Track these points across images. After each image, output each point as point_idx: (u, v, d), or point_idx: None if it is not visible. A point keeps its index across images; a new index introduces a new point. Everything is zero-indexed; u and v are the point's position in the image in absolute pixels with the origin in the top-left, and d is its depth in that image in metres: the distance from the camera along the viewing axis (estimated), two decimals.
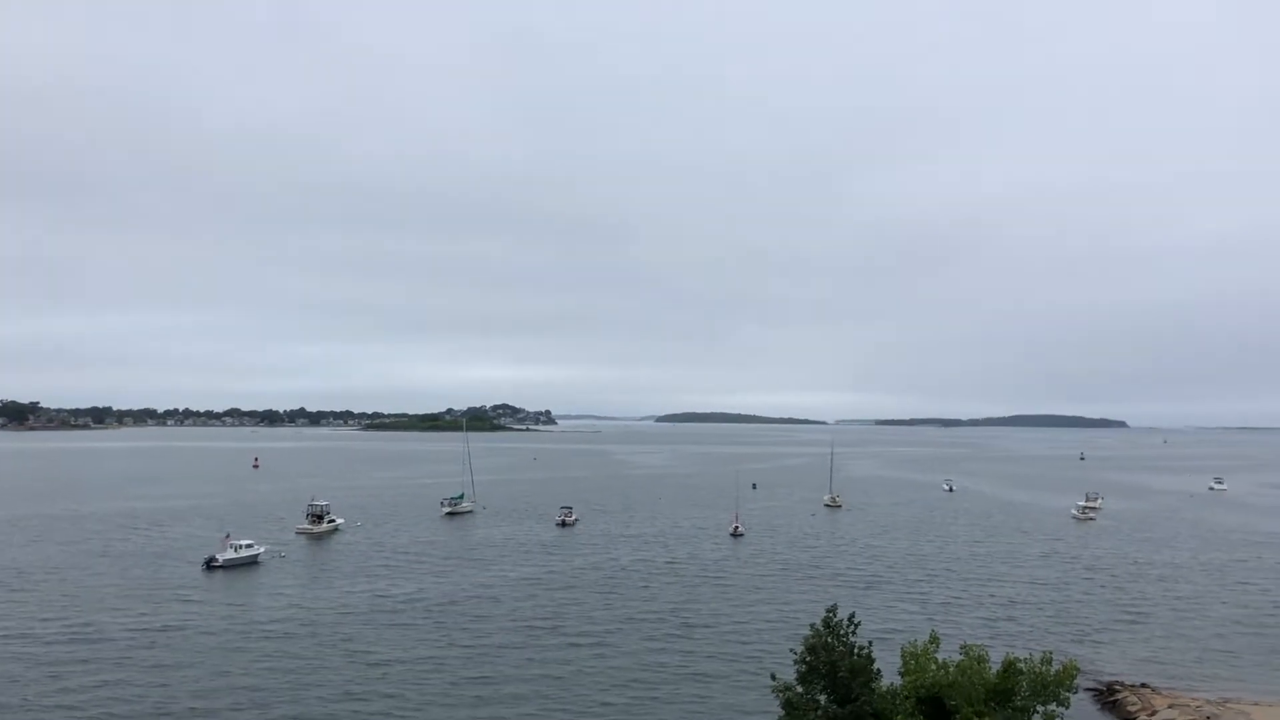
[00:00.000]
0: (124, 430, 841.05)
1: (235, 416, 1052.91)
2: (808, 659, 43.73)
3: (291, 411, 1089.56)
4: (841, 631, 44.30)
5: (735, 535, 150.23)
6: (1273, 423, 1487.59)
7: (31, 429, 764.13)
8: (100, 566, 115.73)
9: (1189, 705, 63.54)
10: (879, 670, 43.87)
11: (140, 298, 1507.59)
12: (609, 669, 72.92)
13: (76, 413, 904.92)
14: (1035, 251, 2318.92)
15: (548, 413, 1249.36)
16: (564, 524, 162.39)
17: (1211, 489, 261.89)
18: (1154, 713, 62.98)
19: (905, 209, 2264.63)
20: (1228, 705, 63.77)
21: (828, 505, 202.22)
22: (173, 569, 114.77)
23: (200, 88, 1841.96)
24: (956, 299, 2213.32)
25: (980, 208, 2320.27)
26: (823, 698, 43.05)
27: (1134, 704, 65.33)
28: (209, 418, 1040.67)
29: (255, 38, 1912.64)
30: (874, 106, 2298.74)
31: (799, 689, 43.48)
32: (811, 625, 45.50)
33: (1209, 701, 64.78)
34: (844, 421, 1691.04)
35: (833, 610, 45.42)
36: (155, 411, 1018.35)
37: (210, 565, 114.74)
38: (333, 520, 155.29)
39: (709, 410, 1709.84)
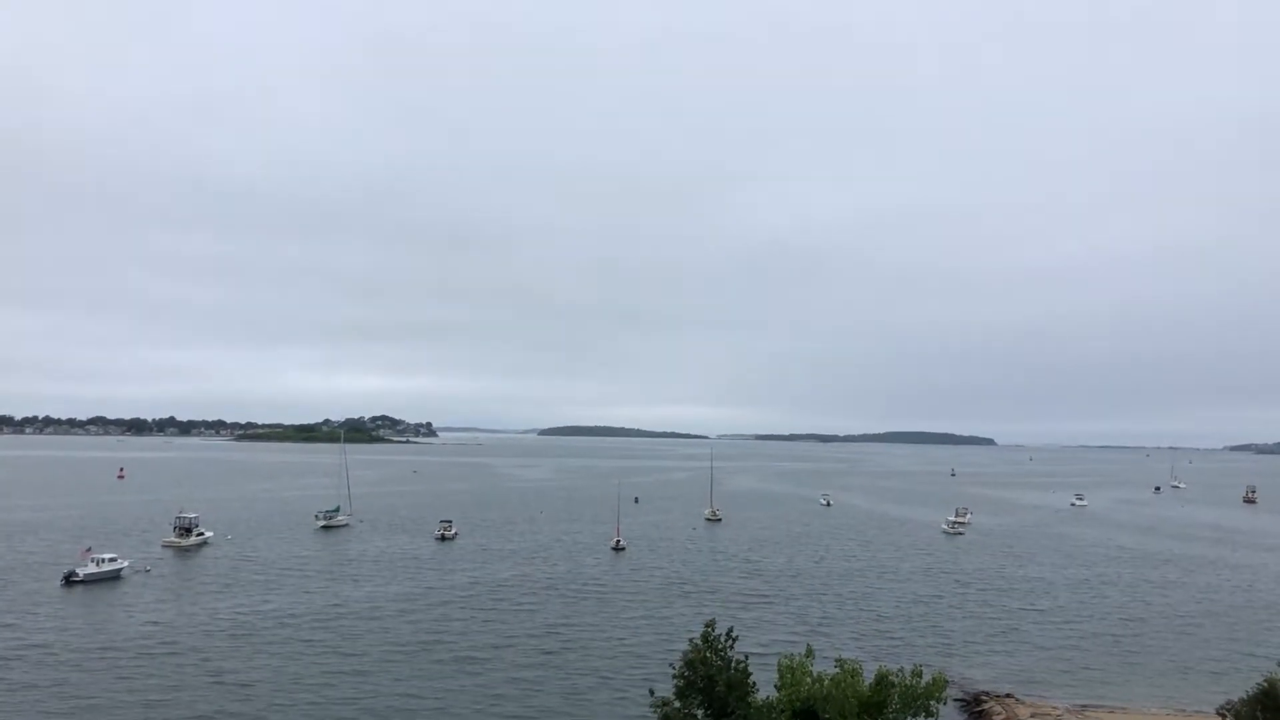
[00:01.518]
0: None
1: (100, 425, 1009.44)
2: (686, 673, 43.83)
3: (160, 420, 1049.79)
4: (719, 646, 44.52)
5: (616, 549, 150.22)
6: (1131, 441, 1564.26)
7: None
8: None
9: (1050, 713, 65.87)
10: (755, 684, 44.23)
11: None
12: (486, 687, 71.78)
13: None
14: (907, 269, 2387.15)
15: (429, 425, 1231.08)
16: (443, 538, 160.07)
17: (1073, 504, 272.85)
18: None
19: (778, 224, 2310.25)
20: (1086, 713, 66.33)
21: (708, 519, 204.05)
22: (28, 584, 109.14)
23: (48, 79, 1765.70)
24: (830, 315, 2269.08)
25: (852, 224, 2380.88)
26: (700, 712, 43.19)
27: (999, 713, 67.42)
28: (71, 426, 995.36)
29: (108, 28, 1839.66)
30: (750, 119, 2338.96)
31: (677, 704, 43.54)
32: (690, 640, 45.66)
33: (1069, 709, 67.28)
34: (725, 436, 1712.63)
35: (711, 625, 45.63)
36: (12, 419, 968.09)
37: (69, 580, 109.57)
38: (201, 533, 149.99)
39: (592, 424, 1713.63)
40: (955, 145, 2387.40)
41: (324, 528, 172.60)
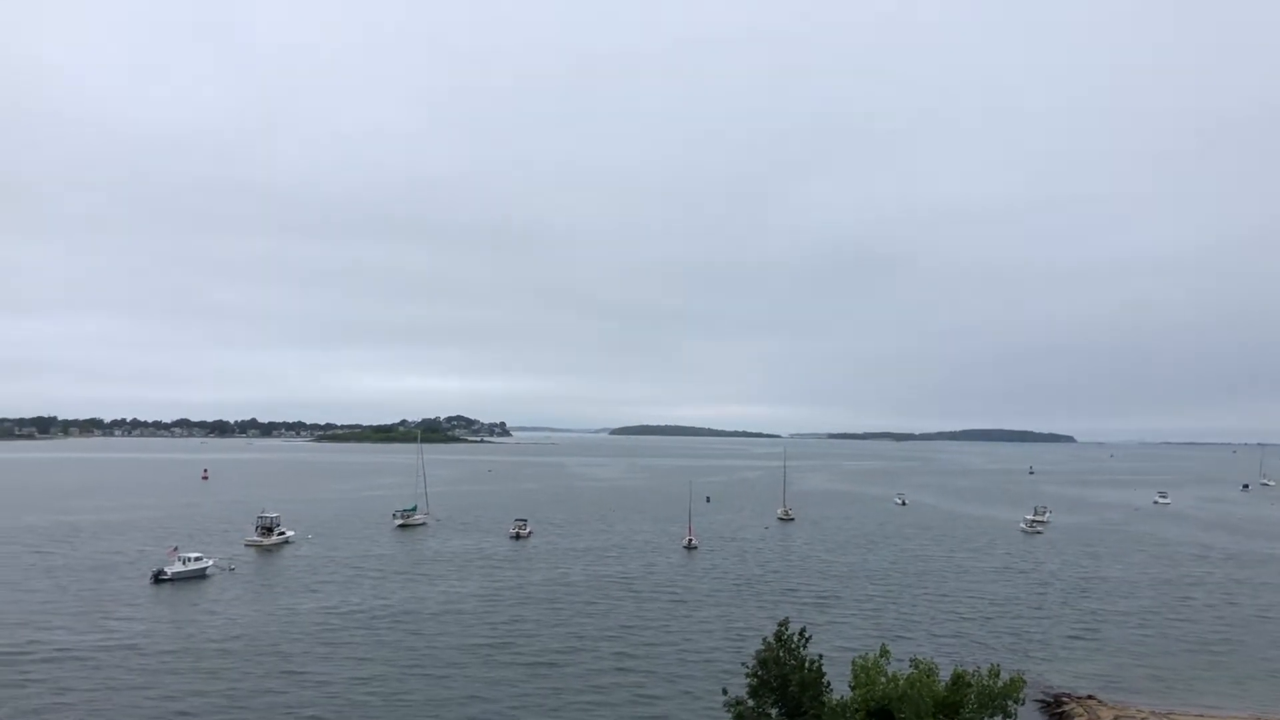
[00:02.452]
0: (70, 441, 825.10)
1: (184, 427, 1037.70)
2: (759, 673, 43.94)
3: (242, 422, 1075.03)
4: (793, 645, 44.55)
5: (689, 548, 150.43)
6: (1215, 438, 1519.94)
7: None
8: (45, 581, 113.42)
9: (1134, 716, 64.60)
10: (829, 683, 44.17)
11: (78, 305, 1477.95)
12: (560, 687, 72.40)
13: (21, 423, 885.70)
14: (979, 266, 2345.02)
15: (503, 424, 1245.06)
16: (518, 536, 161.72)
17: (1156, 503, 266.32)
18: None
19: (845, 221, 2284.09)
20: (1170, 717, 64.91)
21: (781, 518, 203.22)
22: (119, 583, 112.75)
23: (117, 90, 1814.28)
24: (902, 313, 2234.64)
25: (921, 220, 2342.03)
26: (774, 711, 43.29)
27: (1080, 715, 66.25)
28: (157, 428, 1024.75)
29: (165, 35, 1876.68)
30: (810, 115, 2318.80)
31: (750, 703, 43.67)
32: (763, 639, 45.75)
33: (1154, 714, 65.87)
34: (798, 435, 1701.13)
35: (784, 624, 45.68)
36: (102, 422, 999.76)
37: (158, 578, 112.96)
38: (283, 532, 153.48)
39: (663, 423, 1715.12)
40: (1022, 137, 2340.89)
41: (401, 526, 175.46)
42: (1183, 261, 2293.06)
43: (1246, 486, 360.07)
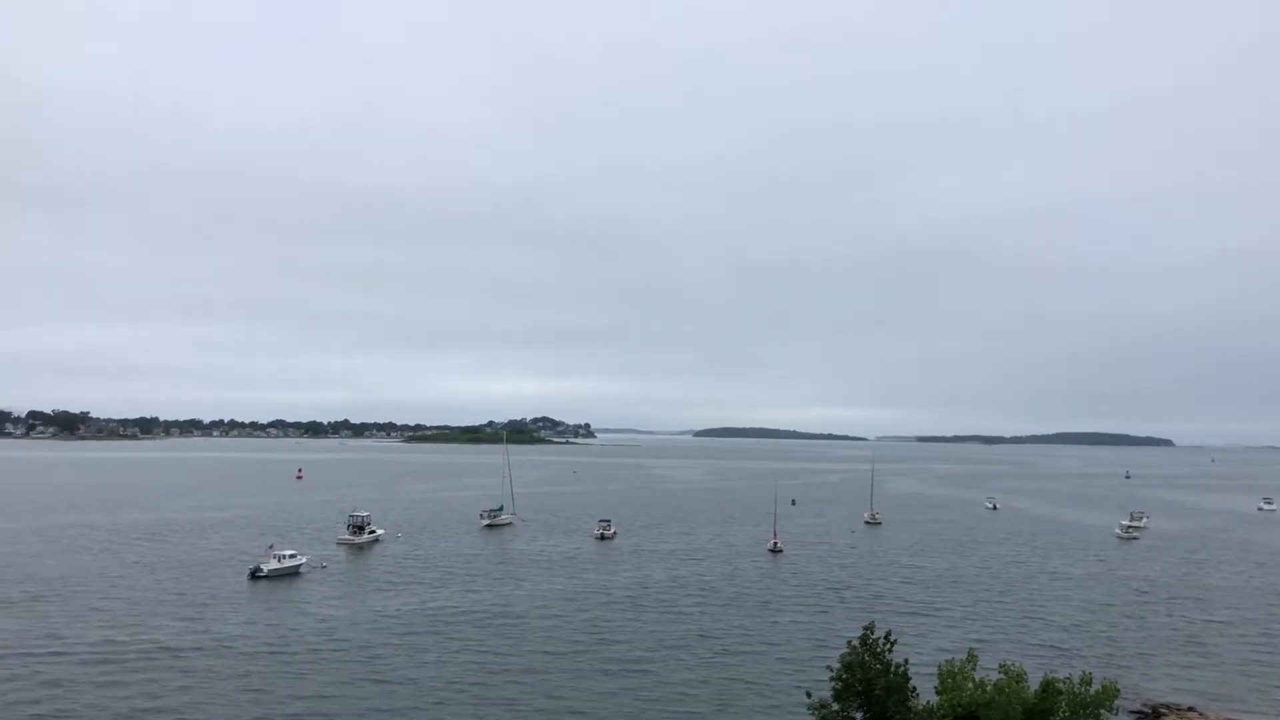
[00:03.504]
0: (171, 441, 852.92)
1: (279, 428, 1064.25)
2: (844, 676, 43.63)
3: (335, 423, 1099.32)
4: (878, 649, 44.14)
5: (774, 551, 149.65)
6: None
7: (82, 439, 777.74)
8: (147, 578, 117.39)
9: None
10: (915, 688, 43.68)
11: (177, 311, 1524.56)
12: (642, 692, 72.39)
13: (125, 423, 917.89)
14: (1069, 263, 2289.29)
15: (587, 426, 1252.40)
16: (602, 537, 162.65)
17: (1260, 509, 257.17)
18: None
19: (925, 219, 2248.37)
20: None
21: (868, 522, 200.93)
22: (219, 579, 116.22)
23: (206, 95, 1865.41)
24: (992, 313, 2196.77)
25: (1006, 218, 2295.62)
26: (858, 715, 42.93)
27: None
28: (254, 429, 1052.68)
29: (261, 42, 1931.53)
30: (887, 115, 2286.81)
31: (835, 706, 43.38)
32: (848, 642, 45.43)
33: None
34: (885, 438, 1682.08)
35: (870, 628, 45.27)
36: (201, 423, 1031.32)
37: (255, 575, 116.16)
38: (373, 531, 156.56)
39: (747, 425, 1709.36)
40: (1105, 132, 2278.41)
41: (488, 526, 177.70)
42: None
43: None
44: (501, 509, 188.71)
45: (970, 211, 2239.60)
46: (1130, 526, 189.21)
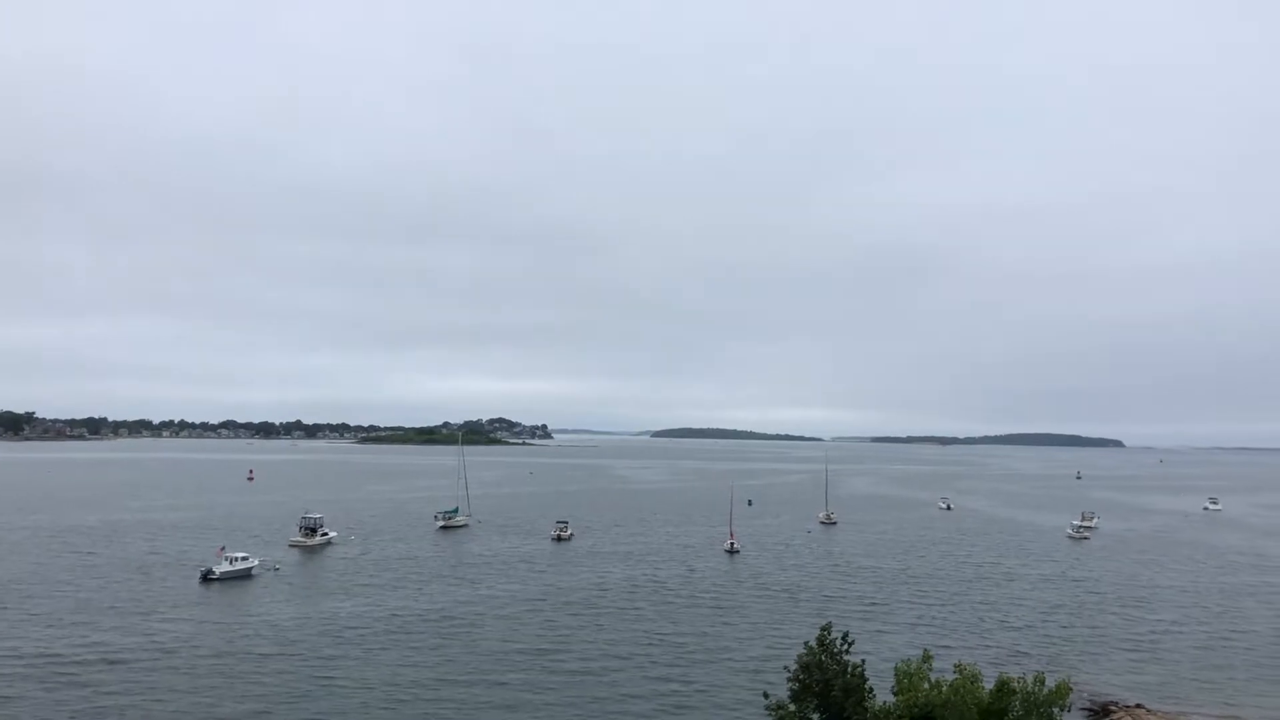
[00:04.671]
0: (119, 441, 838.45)
1: (230, 428, 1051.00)
2: (801, 677, 43.60)
3: (287, 424, 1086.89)
4: (835, 649, 44.17)
5: (730, 551, 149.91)
6: (1268, 443, 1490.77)
7: (26, 439, 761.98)
8: (93, 580, 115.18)
9: None
10: (872, 689, 43.78)
11: (125, 307, 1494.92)
12: (601, 693, 72.38)
13: (72, 423, 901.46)
14: (1024, 267, 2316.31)
15: (544, 427, 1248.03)
16: (559, 538, 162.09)
17: (1206, 509, 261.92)
18: None
19: (887, 221, 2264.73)
20: None
21: (823, 522, 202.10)
22: (170, 581, 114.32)
23: (156, 88, 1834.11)
24: (946, 315, 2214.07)
25: (963, 221, 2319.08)
26: (815, 716, 42.93)
27: None
28: (204, 429, 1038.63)
29: (212, 34, 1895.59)
30: (854, 115, 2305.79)
31: (791, 707, 43.35)
32: (805, 643, 45.39)
33: None
34: (840, 438, 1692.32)
35: (827, 628, 45.30)
36: (150, 423, 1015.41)
37: (207, 578, 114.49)
38: (326, 533, 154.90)
39: (705, 426, 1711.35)
40: (1066, 135, 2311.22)
41: (443, 528, 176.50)
42: (1234, 264, 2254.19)
43: None
44: (457, 510, 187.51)
45: (928, 213, 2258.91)
46: (1081, 527, 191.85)
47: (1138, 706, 69.04)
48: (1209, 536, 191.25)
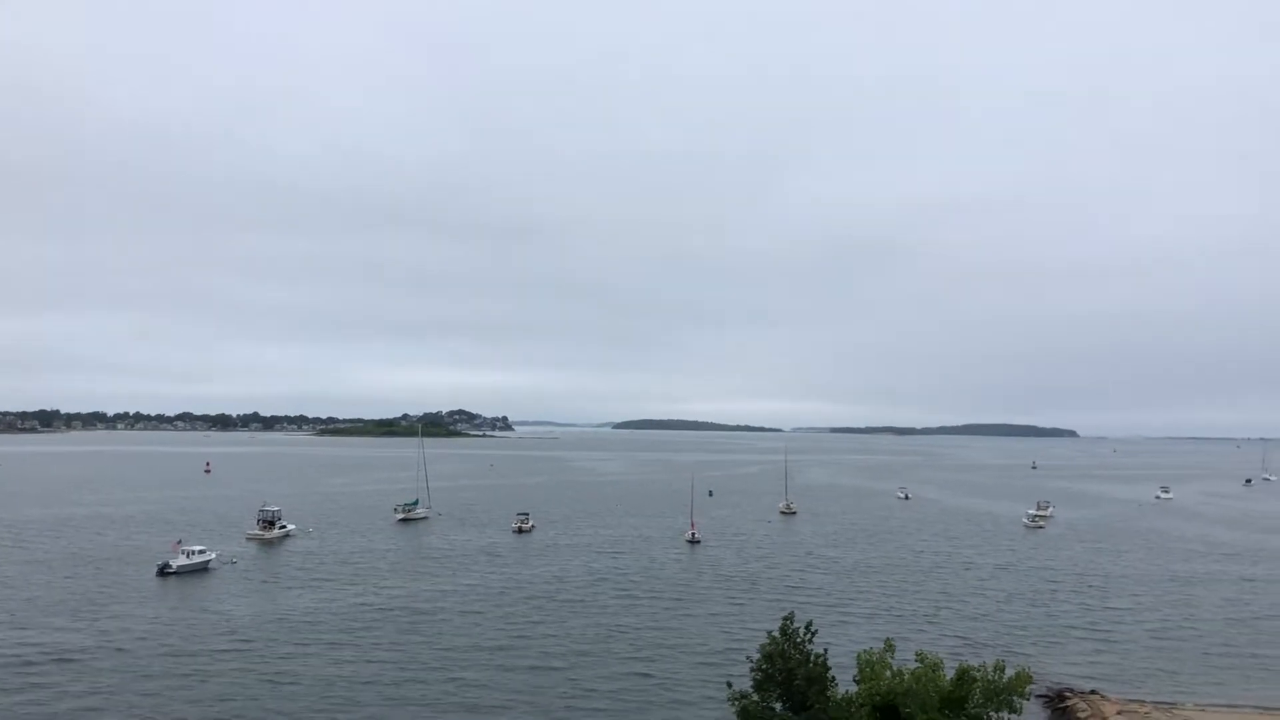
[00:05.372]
0: (73, 434, 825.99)
1: (187, 420, 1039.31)
2: (764, 666, 43.80)
3: (245, 416, 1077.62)
4: (798, 639, 44.41)
5: (692, 542, 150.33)
6: (1218, 433, 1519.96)
7: None
8: (47, 575, 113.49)
9: (1137, 711, 64.45)
10: (834, 678, 44.08)
11: (80, 300, 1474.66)
12: (562, 685, 72.30)
13: (24, 416, 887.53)
14: (981, 259, 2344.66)
15: (505, 419, 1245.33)
16: (520, 530, 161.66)
17: (1158, 498, 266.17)
18: (1103, 718, 63.80)
19: (847, 213, 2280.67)
20: (1174, 711, 64.79)
21: (783, 512, 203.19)
22: (125, 576, 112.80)
23: (111, 79, 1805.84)
24: (906, 307, 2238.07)
25: (922, 212, 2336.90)
26: (778, 705, 43.15)
27: (1084, 710, 66.11)
28: (160, 422, 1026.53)
29: (165, 27, 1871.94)
30: (809, 106, 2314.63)
31: (755, 697, 43.53)
32: (768, 633, 45.62)
33: (1156, 706, 65.75)
34: (800, 429, 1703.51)
35: (789, 618, 45.52)
36: (105, 415, 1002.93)
37: (163, 571, 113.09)
38: (284, 526, 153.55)
39: (666, 417, 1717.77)
40: (1024, 129, 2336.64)
41: (402, 521, 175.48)
42: (1183, 257, 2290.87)
43: (1249, 481, 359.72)
44: (416, 503, 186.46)
45: (886, 205, 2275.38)
46: (1037, 516, 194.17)
47: (1093, 693, 70.09)
48: (1161, 525, 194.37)
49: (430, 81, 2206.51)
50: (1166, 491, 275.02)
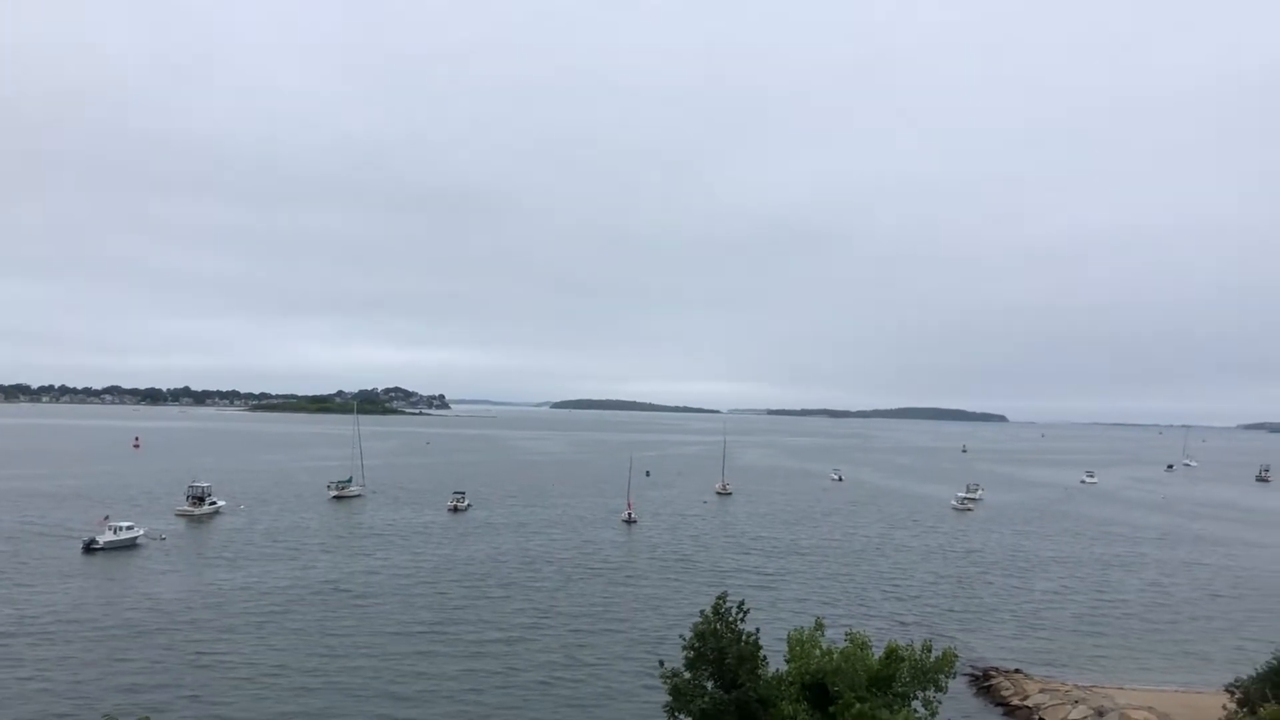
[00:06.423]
0: None
1: (115, 394, 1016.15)
2: (695, 645, 43.92)
3: (175, 390, 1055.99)
4: (730, 618, 44.58)
5: (628, 522, 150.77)
6: (1144, 419, 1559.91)
7: None
8: None
9: (1059, 690, 66.03)
10: (765, 657, 44.33)
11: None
12: (497, 665, 72.22)
13: None
14: (915, 245, 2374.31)
15: (441, 397, 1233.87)
16: (455, 509, 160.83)
17: (1083, 482, 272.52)
18: (1026, 697, 65.31)
19: (783, 198, 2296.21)
20: (1094, 689, 66.47)
21: (719, 493, 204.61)
22: (49, 553, 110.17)
23: (20, 45, 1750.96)
24: (841, 291, 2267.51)
25: (857, 198, 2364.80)
26: (709, 684, 43.34)
27: (1008, 689, 67.66)
28: (87, 395, 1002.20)
29: None
30: (747, 91, 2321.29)
31: (686, 675, 43.67)
32: (701, 612, 45.77)
33: (1077, 686, 67.43)
34: (737, 411, 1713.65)
35: (722, 597, 45.69)
36: (29, 388, 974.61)
37: (90, 548, 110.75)
38: (214, 502, 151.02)
39: (605, 398, 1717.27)
40: (962, 114, 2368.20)
41: (336, 498, 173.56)
42: (1115, 247, 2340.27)
43: (1171, 467, 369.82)
44: (350, 480, 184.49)
45: (823, 189, 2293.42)
46: (966, 498, 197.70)
47: (1016, 672, 71.70)
48: (1085, 508, 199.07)
49: (365, 51, 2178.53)
50: (1092, 476, 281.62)
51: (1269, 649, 55.69)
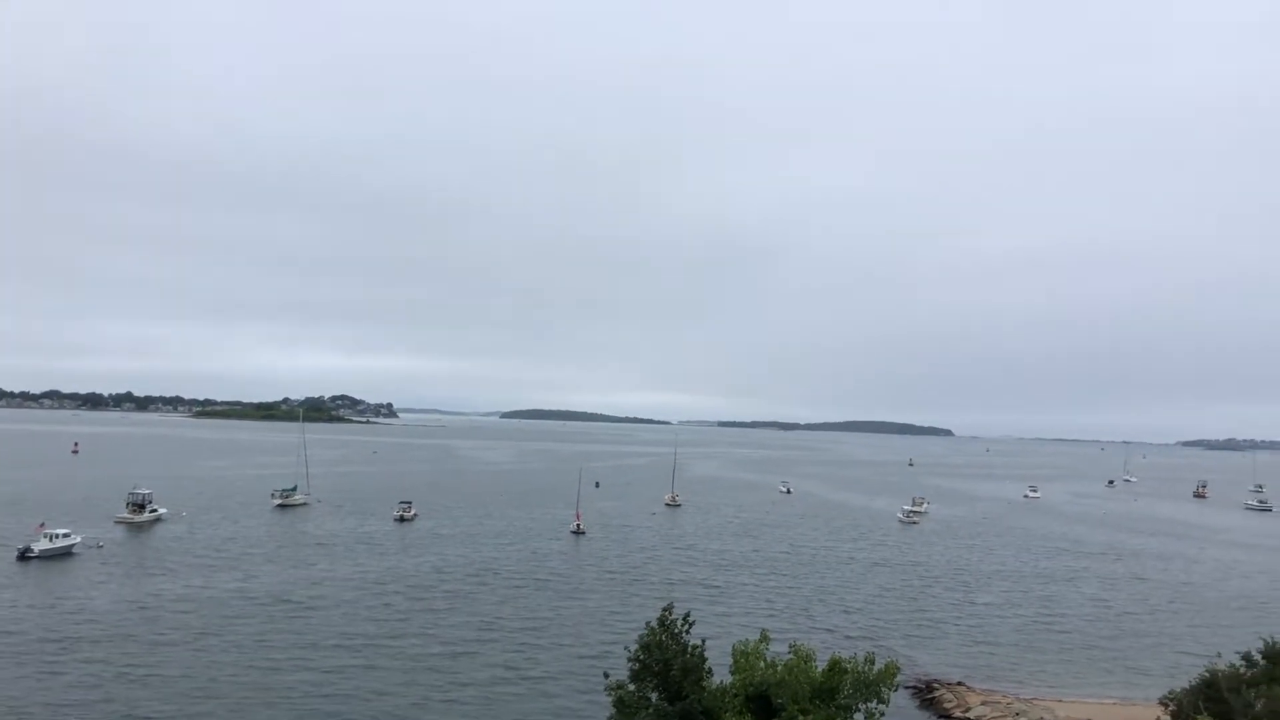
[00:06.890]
0: None
1: (54, 399, 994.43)
2: (641, 657, 43.84)
3: (117, 395, 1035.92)
4: (675, 630, 44.55)
5: (577, 533, 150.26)
6: (1086, 435, 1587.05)
7: None
8: None
9: (1000, 702, 66.79)
10: (710, 669, 44.35)
11: None
12: (441, 672, 71.67)
13: None
14: (862, 258, 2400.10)
15: (389, 406, 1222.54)
16: (402, 519, 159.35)
17: (1027, 497, 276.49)
18: (968, 709, 65.95)
19: (731, 211, 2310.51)
20: (1034, 702, 67.31)
21: (668, 504, 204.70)
22: None
23: None
24: (790, 304, 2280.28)
25: (802, 208, 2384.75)
26: (654, 696, 43.24)
27: (950, 701, 68.29)
28: (24, 399, 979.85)
29: None
30: (697, 102, 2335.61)
31: (631, 687, 43.56)
32: (647, 623, 45.68)
33: (1019, 698, 68.26)
34: (687, 422, 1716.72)
35: (668, 609, 45.65)
36: None
37: (24, 556, 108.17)
38: (155, 510, 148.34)
39: (555, 408, 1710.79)
40: (914, 130, 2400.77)
41: (280, 507, 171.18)
42: (1058, 264, 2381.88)
43: (1112, 483, 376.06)
44: (295, 489, 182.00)
45: (772, 201, 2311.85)
46: (911, 512, 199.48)
47: (959, 684, 72.42)
48: (1028, 522, 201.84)
49: (308, 52, 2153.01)
50: (1035, 491, 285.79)
51: (1203, 662, 56.67)
